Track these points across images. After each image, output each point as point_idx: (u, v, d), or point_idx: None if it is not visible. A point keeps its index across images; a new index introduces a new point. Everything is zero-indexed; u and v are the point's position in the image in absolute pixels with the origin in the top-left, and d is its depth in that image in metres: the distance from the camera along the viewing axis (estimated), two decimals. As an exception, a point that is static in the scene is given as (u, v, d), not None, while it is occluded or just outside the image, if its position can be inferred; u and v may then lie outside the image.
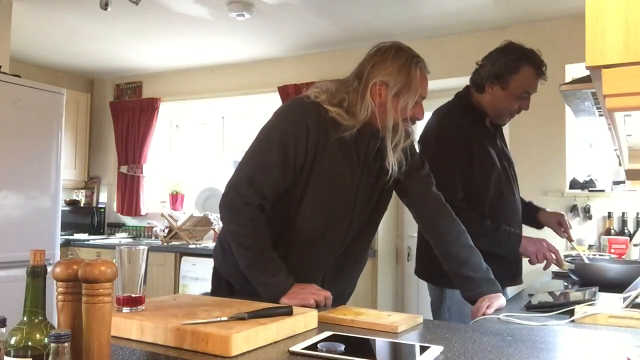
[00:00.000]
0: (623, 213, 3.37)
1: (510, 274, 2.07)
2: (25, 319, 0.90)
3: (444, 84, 4.08)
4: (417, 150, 1.76)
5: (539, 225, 2.31)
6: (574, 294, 1.63)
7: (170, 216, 4.66)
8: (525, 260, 2.15)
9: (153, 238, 5.01)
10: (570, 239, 2.20)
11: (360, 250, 1.73)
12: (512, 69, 1.97)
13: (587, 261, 2.17)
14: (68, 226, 4.97)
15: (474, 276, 1.59)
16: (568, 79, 3.30)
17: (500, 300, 1.53)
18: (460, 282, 1.62)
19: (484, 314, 1.46)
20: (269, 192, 1.51)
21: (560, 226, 2.19)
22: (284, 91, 4.54)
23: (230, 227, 1.54)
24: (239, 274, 1.55)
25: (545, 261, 1.99)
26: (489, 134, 2.09)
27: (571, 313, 1.41)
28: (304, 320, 1.18)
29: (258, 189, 1.49)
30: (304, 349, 1.01)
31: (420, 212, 1.71)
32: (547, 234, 2.26)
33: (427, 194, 1.68)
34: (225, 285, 1.67)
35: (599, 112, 1.97)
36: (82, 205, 5.41)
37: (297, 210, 1.54)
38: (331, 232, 1.58)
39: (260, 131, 1.58)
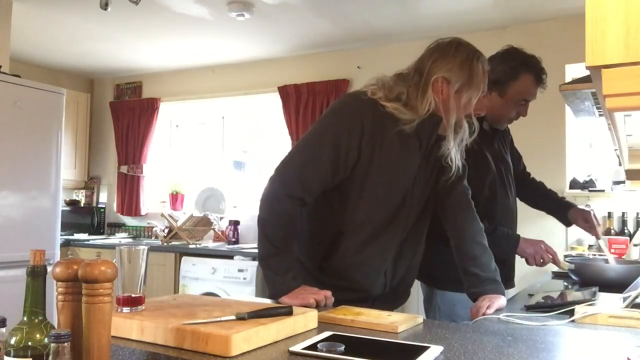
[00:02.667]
0: (623, 213, 3.37)
1: (503, 278, 2.08)
2: (25, 319, 0.90)
3: (444, 84, 4.08)
4: None
5: (568, 223, 2.30)
6: (574, 294, 1.63)
7: (170, 216, 4.66)
8: (522, 262, 2.15)
9: (153, 238, 5.01)
10: (597, 236, 2.18)
11: (417, 240, 1.71)
12: (511, 76, 1.95)
13: (612, 261, 2.13)
14: (68, 226, 4.97)
15: (480, 274, 1.59)
16: (568, 79, 3.29)
17: (500, 300, 1.53)
18: (466, 277, 1.63)
19: (484, 314, 1.46)
20: (315, 186, 1.51)
21: (586, 222, 2.18)
22: (284, 91, 4.54)
23: (263, 213, 1.52)
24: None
25: (542, 262, 2.00)
26: (486, 137, 2.07)
27: (571, 313, 1.41)
28: (304, 320, 1.18)
29: (304, 181, 1.50)
30: (304, 349, 1.01)
31: (444, 202, 1.70)
32: (546, 235, 2.26)
33: (456, 185, 1.67)
34: None
35: (599, 112, 1.97)
36: (82, 205, 5.41)
37: (356, 204, 1.55)
38: (392, 223, 1.58)
39: (316, 124, 1.58)
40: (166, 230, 4.66)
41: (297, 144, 1.58)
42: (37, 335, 0.89)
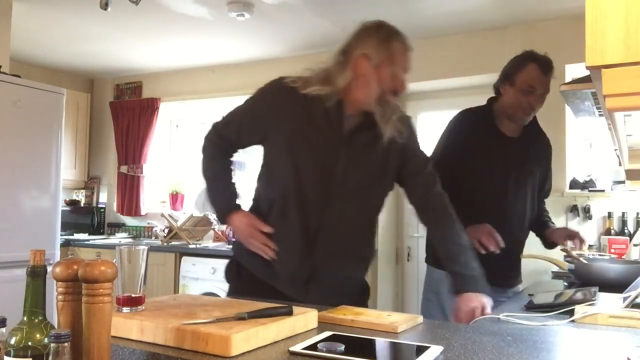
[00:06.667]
0: (623, 213, 3.36)
1: (507, 275, 2.09)
2: (25, 319, 0.90)
3: (444, 84, 4.07)
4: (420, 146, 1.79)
5: (549, 245, 2.30)
6: (574, 294, 1.63)
7: (170, 216, 4.66)
8: (524, 262, 2.15)
9: (153, 238, 5.01)
10: (580, 246, 2.22)
11: (348, 242, 1.69)
12: (518, 67, 2.13)
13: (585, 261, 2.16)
14: (68, 226, 4.97)
15: (460, 273, 1.62)
16: (568, 79, 3.29)
17: (485, 299, 1.55)
18: (450, 276, 1.67)
19: (483, 314, 1.46)
20: (228, 140, 1.79)
21: (571, 239, 2.21)
22: (284, 91, 4.53)
23: (201, 156, 1.83)
24: (243, 252, 1.72)
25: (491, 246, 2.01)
26: (501, 141, 2.17)
27: (571, 313, 1.41)
28: (304, 320, 1.18)
29: (222, 134, 1.79)
30: (304, 349, 1.01)
31: (420, 208, 1.74)
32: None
33: (427, 191, 1.72)
34: (235, 265, 1.79)
35: (599, 112, 1.98)
36: (82, 205, 5.41)
37: (268, 179, 1.72)
38: (307, 193, 1.63)
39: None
40: (166, 230, 4.65)
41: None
42: (37, 335, 0.89)
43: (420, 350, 1.02)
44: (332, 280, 1.69)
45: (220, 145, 1.80)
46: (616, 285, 1.76)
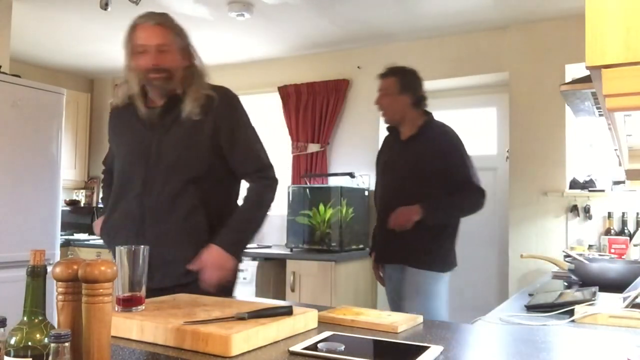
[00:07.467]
0: (623, 213, 3.37)
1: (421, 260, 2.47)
2: (25, 319, 0.90)
3: (444, 84, 4.07)
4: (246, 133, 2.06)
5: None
6: (574, 294, 1.63)
7: (170, 216, 4.64)
8: (524, 262, 2.15)
9: (153, 238, 5.00)
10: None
11: (173, 218, 1.80)
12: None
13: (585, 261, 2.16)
14: (68, 226, 4.96)
15: (225, 228, 1.82)
16: (568, 79, 3.29)
17: (216, 256, 1.75)
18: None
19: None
20: (108, 160, 2.16)
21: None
22: (284, 91, 4.54)
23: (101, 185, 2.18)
24: None
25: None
26: (395, 144, 2.61)
27: (571, 313, 1.41)
28: (304, 320, 1.18)
29: (109, 166, 2.15)
30: (304, 349, 1.01)
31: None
32: (545, 235, 2.25)
33: (253, 185, 1.95)
34: None
35: (599, 112, 1.98)
36: (82, 205, 5.41)
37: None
38: (131, 174, 1.87)
39: None
40: (166, 230, 4.64)
41: None
42: (37, 335, 0.89)
43: (420, 350, 1.02)
44: (163, 263, 1.75)
45: (109, 175, 2.10)
46: (616, 285, 1.76)
